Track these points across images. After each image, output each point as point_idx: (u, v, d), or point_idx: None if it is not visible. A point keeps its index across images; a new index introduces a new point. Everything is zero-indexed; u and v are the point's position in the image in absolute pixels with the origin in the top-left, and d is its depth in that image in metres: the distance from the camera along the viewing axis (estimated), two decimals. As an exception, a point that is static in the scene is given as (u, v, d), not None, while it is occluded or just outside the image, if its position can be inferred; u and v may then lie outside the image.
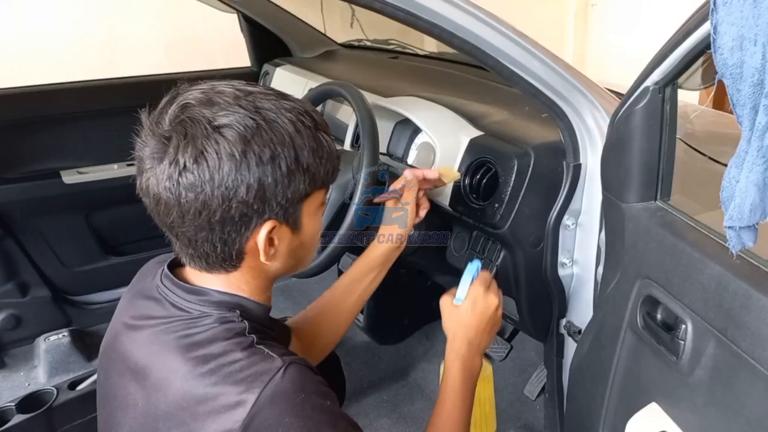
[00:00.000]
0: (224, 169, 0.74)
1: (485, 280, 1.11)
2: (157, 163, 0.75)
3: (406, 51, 2.39)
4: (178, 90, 0.80)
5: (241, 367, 0.75)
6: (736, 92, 0.65)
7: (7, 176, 2.04)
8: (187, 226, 0.78)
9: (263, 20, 2.32)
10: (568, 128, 1.14)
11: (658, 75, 0.89)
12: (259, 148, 0.74)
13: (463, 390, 1.03)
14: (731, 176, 0.65)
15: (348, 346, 2.16)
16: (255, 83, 0.82)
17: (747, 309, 0.72)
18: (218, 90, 0.77)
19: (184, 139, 0.73)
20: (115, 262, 2.28)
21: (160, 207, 0.78)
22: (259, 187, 0.76)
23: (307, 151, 0.79)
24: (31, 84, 2.11)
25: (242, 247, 0.81)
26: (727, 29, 0.65)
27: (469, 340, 1.07)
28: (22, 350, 2.17)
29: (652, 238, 0.92)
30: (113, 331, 0.92)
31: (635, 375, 0.98)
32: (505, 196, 1.19)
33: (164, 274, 0.88)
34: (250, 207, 0.77)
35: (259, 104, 0.77)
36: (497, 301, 1.10)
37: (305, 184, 0.80)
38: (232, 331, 0.80)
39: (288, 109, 0.78)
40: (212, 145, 0.73)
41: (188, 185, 0.74)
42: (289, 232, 0.84)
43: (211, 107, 0.75)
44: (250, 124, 0.74)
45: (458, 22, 0.97)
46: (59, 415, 1.56)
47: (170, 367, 0.78)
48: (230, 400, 0.73)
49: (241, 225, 0.78)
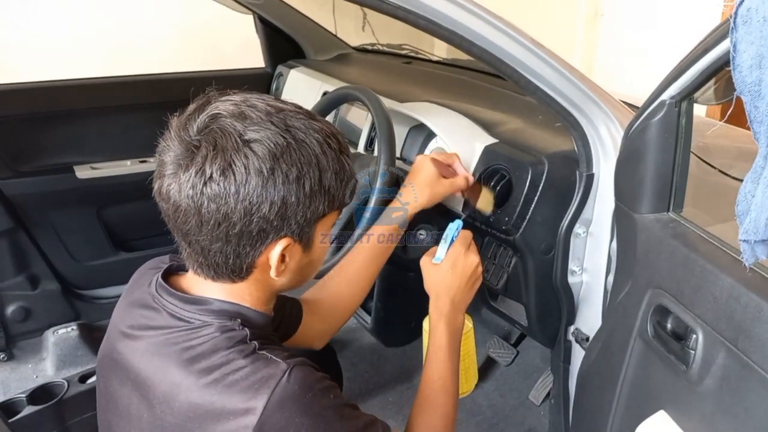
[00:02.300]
0: (251, 184, 0.74)
1: (465, 239, 1.13)
2: (181, 170, 0.75)
3: (420, 56, 2.40)
4: (208, 97, 0.80)
5: (246, 374, 0.76)
6: (754, 109, 0.67)
7: (22, 170, 2.07)
8: (204, 235, 0.78)
9: (278, 22, 2.34)
10: (582, 138, 1.15)
11: (675, 89, 0.91)
12: (287, 167, 0.75)
13: (450, 347, 1.08)
14: (747, 191, 0.67)
15: (354, 347, 2.18)
16: (285, 101, 0.82)
17: (758, 321, 0.73)
18: (251, 104, 0.78)
19: (213, 150, 0.74)
20: (125, 257, 2.31)
21: (179, 214, 0.78)
22: (282, 204, 0.76)
23: (330, 173, 0.80)
24: (47, 79, 2.14)
25: (254, 261, 0.82)
26: (747, 48, 0.67)
27: (451, 299, 1.10)
28: (30, 342, 2.19)
29: (665, 248, 0.94)
30: (110, 338, 0.91)
31: (644, 383, 0.99)
32: (518, 203, 1.21)
33: (158, 284, 0.88)
34: (269, 223, 0.77)
35: (290, 122, 0.77)
36: (477, 260, 1.12)
37: (324, 205, 0.81)
38: (233, 339, 0.80)
39: (317, 130, 0.79)
40: (241, 159, 0.73)
41: (212, 196, 0.74)
42: (300, 250, 0.85)
43: (243, 121, 0.75)
44: (281, 142, 0.75)
45: (478, 32, 0.98)
46: (70, 407, 1.57)
47: (173, 380, 0.79)
48: (239, 408, 0.74)
49: (258, 240, 0.79)
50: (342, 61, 2.43)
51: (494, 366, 2.03)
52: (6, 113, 2.04)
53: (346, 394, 1.93)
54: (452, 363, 1.07)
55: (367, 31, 3.05)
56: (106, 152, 2.19)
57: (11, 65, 2.56)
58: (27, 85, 2.10)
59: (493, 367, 2.03)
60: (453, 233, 1.12)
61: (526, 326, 1.39)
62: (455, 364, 1.08)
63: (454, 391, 1.06)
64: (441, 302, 1.10)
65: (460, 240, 1.12)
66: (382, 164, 1.24)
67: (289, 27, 2.38)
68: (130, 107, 2.22)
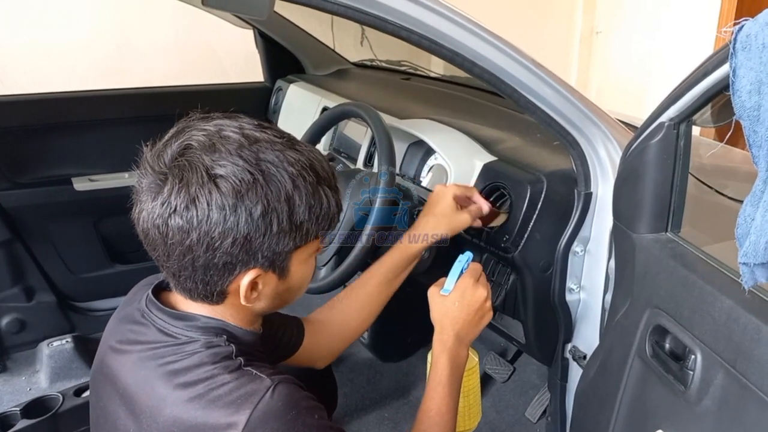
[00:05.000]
0: (212, 220, 0.74)
1: (475, 272, 1.11)
2: (150, 199, 0.76)
3: (418, 72, 2.42)
4: (187, 123, 0.81)
5: (230, 390, 0.76)
6: (752, 133, 0.68)
7: (20, 181, 2.07)
8: (172, 262, 0.79)
9: (278, 37, 2.36)
10: (581, 157, 1.17)
11: (674, 112, 0.92)
12: (251, 204, 0.74)
13: (450, 382, 1.05)
14: (747, 214, 0.67)
15: (351, 362, 2.17)
16: (269, 125, 0.82)
17: (757, 342, 0.74)
18: (224, 135, 0.77)
19: (179, 183, 0.74)
20: (121, 269, 2.31)
21: (148, 240, 0.79)
22: (246, 240, 0.76)
23: (303, 207, 0.79)
24: (46, 91, 2.14)
25: (225, 288, 0.82)
26: (746, 73, 0.68)
27: (456, 332, 1.08)
28: (24, 354, 2.17)
29: (663, 268, 0.94)
30: (101, 354, 0.92)
31: (642, 402, 0.99)
32: (517, 221, 1.22)
33: (149, 300, 0.88)
34: (234, 257, 0.77)
35: (262, 156, 0.76)
36: (486, 294, 1.10)
37: (296, 240, 0.80)
38: (218, 355, 0.80)
39: (292, 162, 0.78)
40: (205, 194, 0.73)
41: (176, 228, 0.75)
42: (275, 278, 0.84)
43: (212, 154, 0.75)
44: (247, 178, 0.74)
45: (479, 52, 1.00)
46: (65, 421, 1.56)
47: (158, 395, 0.79)
48: (221, 423, 0.74)
49: (224, 270, 0.79)
50: (341, 76, 2.44)
51: (491, 382, 2.03)
52: (5, 125, 2.04)
53: (342, 409, 1.93)
54: (451, 399, 1.04)
55: (366, 46, 3.07)
56: (104, 164, 2.19)
57: (11, 78, 2.56)
58: (26, 97, 2.10)
59: (490, 384, 2.03)
60: (463, 265, 1.10)
61: (523, 343, 1.39)
62: (455, 400, 1.05)
63: (450, 428, 1.03)
64: (445, 335, 1.08)
65: (469, 272, 1.10)
66: (383, 165, 1.24)
67: (289, 42, 2.39)
68: (130, 120, 2.23)
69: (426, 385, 1.06)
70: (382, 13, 0.91)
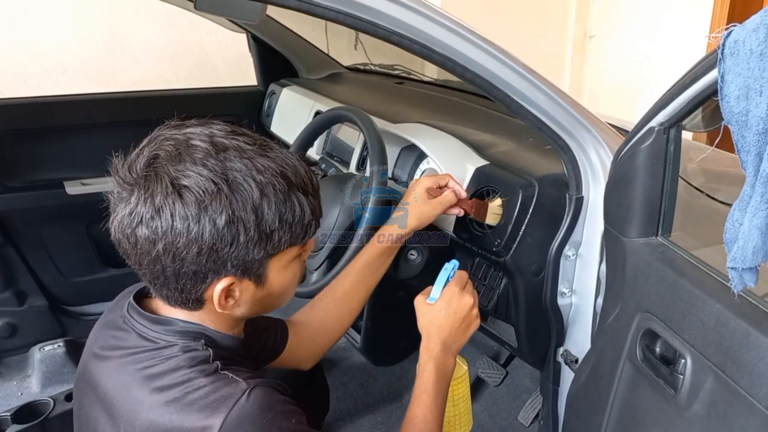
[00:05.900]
0: (176, 230, 0.74)
1: (461, 280, 1.11)
2: (120, 208, 0.77)
3: (411, 77, 2.43)
4: (160, 131, 0.81)
5: (205, 393, 0.76)
6: (741, 138, 0.68)
7: (11, 185, 2.06)
8: (144, 270, 0.80)
9: (272, 41, 2.36)
10: (572, 162, 1.17)
11: (664, 116, 0.92)
12: (215, 214, 0.74)
13: (436, 390, 1.04)
14: (735, 219, 0.68)
15: (344, 366, 2.17)
16: (242, 129, 0.82)
17: (746, 347, 0.74)
18: (192, 143, 0.77)
19: (145, 193, 0.75)
20: (114, 273, 2.30)
21: (121, 249, 0.80)
22: (211, 250, 0.76)
23: (272, 216, 0.78)
24: (37, 95, 2.14)
25: (200, 296, 0.82)
26: (734, 79, 0.68)
27: (443, 340, 1.07)
28: (16, 359, 2.17)
29: (653, 273, 0.95)
30: (84, 361, 0.92)
31: (632, 406, 1.00)
32: (509, 225, 1.22)
33: (130, 305, 0.89)
34: (203, 266, 0.78)
35: (229, 164, 0.76)
36: (472, 301, 1.09)
37: (266, 249, 0.80)
38: (195, 359, 0.80)
39: (260, 170, 0.77)
40: (169, 205, 0.74)
41: (143, 238, 0.76)
42: (252, 285, 0.84)
43: (178, 164, 0.75)
44: (210, 189, 0.74)
45: (471, 57, 1.00)
46: (56, 426, 1.55)
47: (136, 399, 0.79)
48: (196, 426, 0.74)
49: (196, 279, 0.79)
50: (334, 80, 2.45)
51: (483, 386, 2.03)
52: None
53: (335, 413, 1.93)
54: (437, 407, 1.03)
55: (360, 50, 3.08)
56: (96, 168, 2.18)
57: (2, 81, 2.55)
58: (17, 100, 2.10)
59: (482, 388, 2.03)
60: (449, 273, 1.10)
61: (515, 347, 1.39)
62: (440, 408, 1.04)
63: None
64: (432, 343, 1.07)
65: (455, 280, 1.10)
66: (376, 165, 1.24)
67: (282, 46, 2.39)
68: (122, 123, 2.22)
69: (412, 394, 1.05)
70: (373, 18, 0.91)
